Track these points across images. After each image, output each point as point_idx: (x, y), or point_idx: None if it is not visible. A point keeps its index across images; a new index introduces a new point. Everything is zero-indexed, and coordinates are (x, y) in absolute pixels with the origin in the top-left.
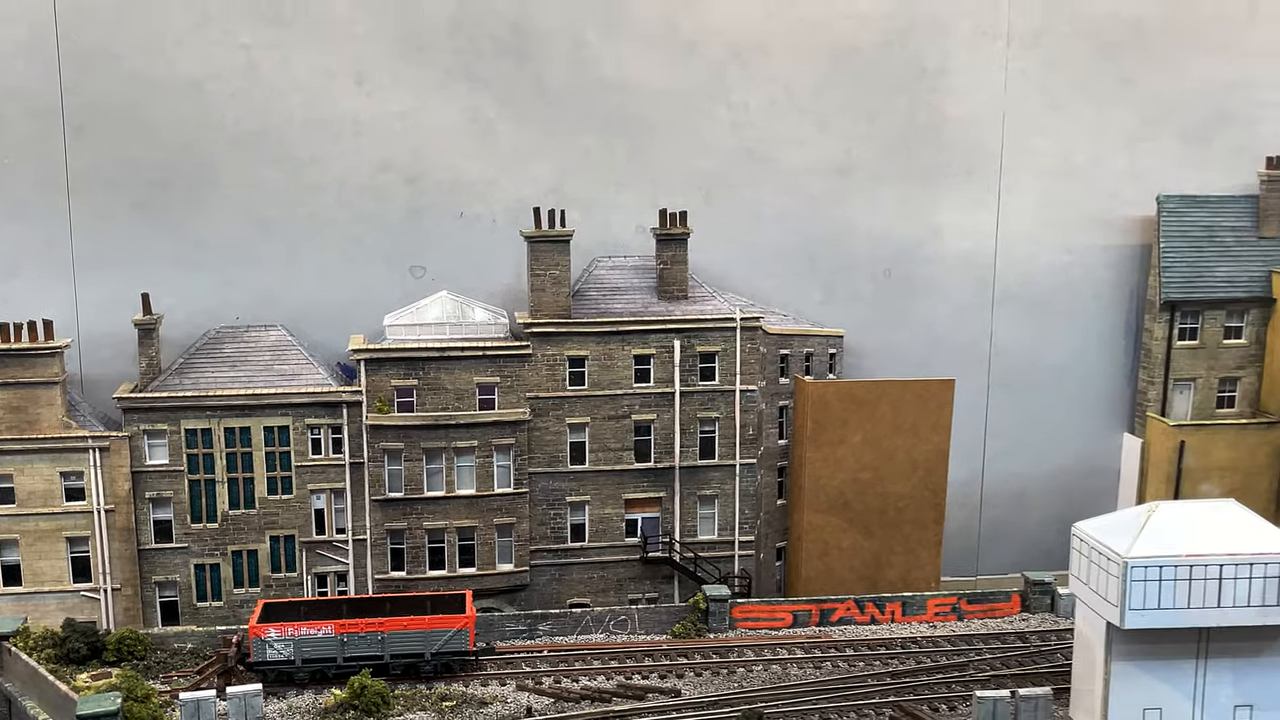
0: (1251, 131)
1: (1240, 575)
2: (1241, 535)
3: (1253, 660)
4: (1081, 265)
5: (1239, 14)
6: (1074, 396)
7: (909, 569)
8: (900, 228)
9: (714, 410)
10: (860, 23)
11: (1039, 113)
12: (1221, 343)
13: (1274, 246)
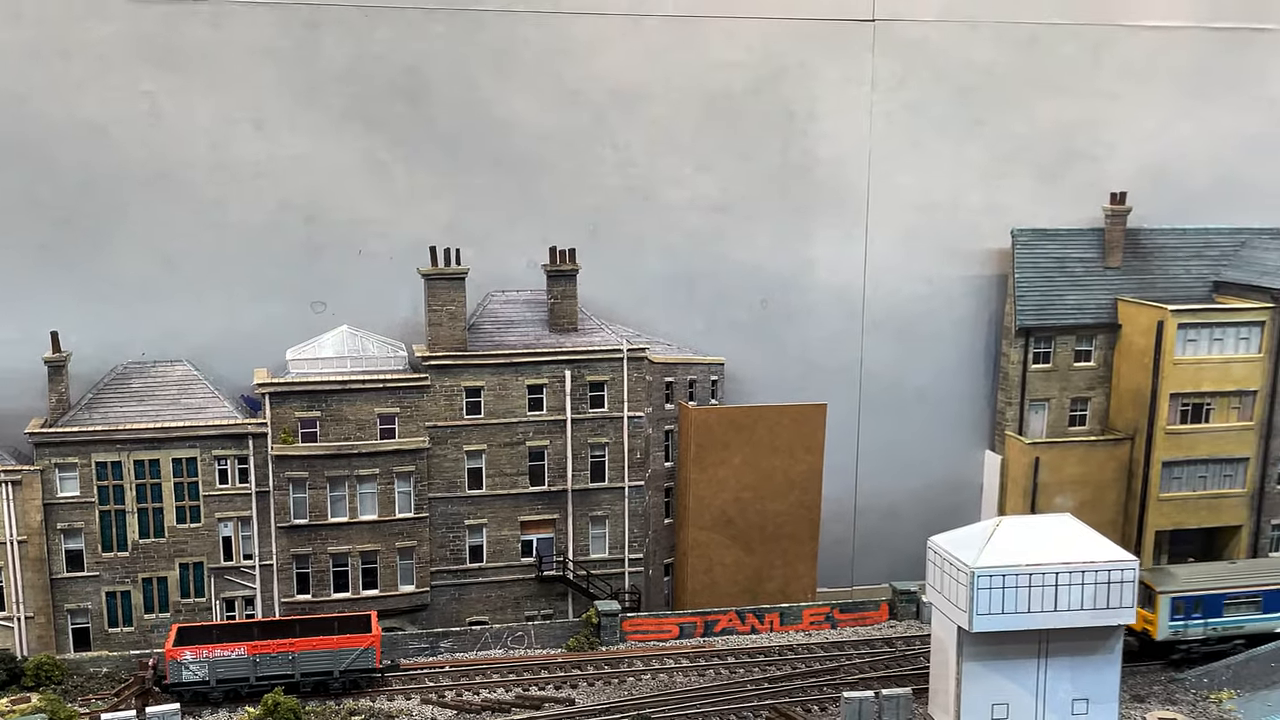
0: (1097, 168)
1: (1075, 582)
2: (1076, 546)
3: (1088, 658)
4: (943, 294)
5: (1083, 59)
6: (938, 416)
7: (787, 581)
8: (775, 260)
9: (604, 436)
10: (733, 70)
11: (902, 152)
12: (1072, 365)
13: (1119, 276)
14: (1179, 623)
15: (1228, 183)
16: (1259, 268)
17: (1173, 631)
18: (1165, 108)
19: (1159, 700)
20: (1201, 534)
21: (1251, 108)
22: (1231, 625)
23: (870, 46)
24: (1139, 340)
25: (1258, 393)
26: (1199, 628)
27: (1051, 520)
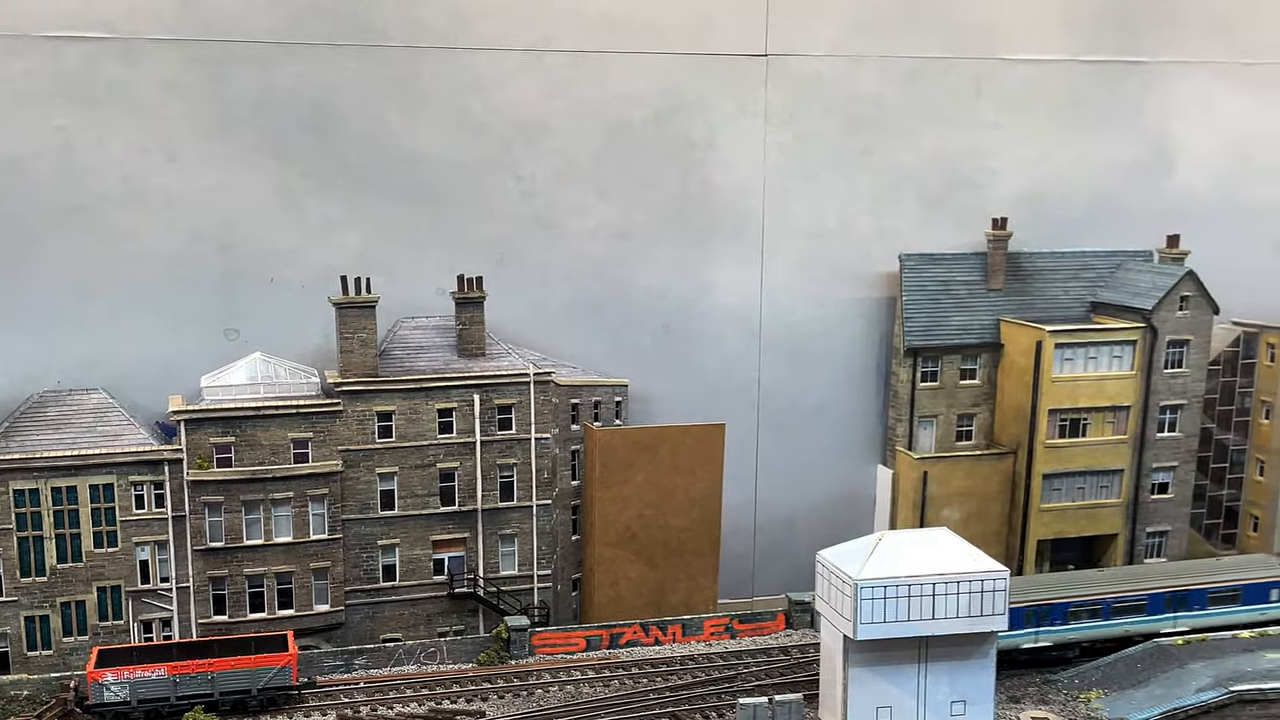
0: (980, 195)
1: (950, 591)
2: (952, 558)
3: (964, 662)
4: (836, 316)
5: (965, 91)
6: (833, 433)
7: (690, 594)
8: (676, 285)
9: (512, 457)
10: (633, 102)
11: (795, 181)
12: (958, 383)
13: (1001, 297)
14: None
15: (1103, 208)
16: (1132, 289)
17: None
18: (1044, 137)
19: (1033, 700)
20: (1081, 542)
21: (1126, 137)
22: (1067, 633)
23: (764, 81)
24: (1020, 359)
25: (1131, 408)
26: (1030, 637)
27: (929, 534)
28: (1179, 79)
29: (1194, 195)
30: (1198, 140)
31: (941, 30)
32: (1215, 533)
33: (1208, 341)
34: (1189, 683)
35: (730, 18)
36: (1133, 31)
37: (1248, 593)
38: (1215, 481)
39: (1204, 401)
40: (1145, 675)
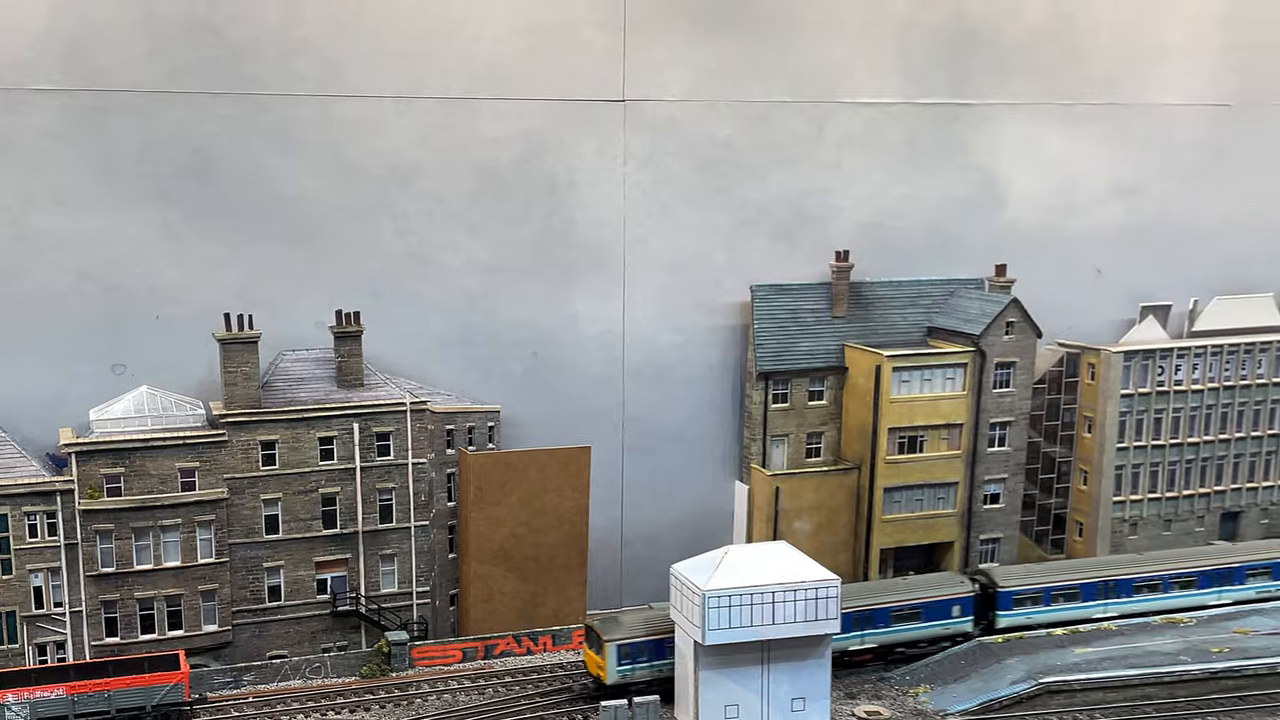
0: (824, 229)
1: (788, 599)
2: (790, 569)
3: (802, 663)
4: (694, 343)
5: (809, 133)
6: (693, 452)
7: (560, 606)
8: (543, 316)
9: (391, 481)
10: (499, 145)
11: (653, 218)
12: (807, 404)
13: (845, 324)
14: (626, 667)
15: (938, 239)
16: (963, 315)
17: (621, 675)
18: (882, 174)
19: (868, 696)
20: (921, 549)
21: (957, 173)
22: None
23: (622, 124)
24: (862, 381)
25: (963, 425)
26: (646, 670)
27: (770, 547)
28: (1005, 119)
29: (1020, 227)
30: (1023, 175)
31: (786, 76)
32: (1045, 538)
33: (1032, 363)
34: (1004, 676)
35: (590, 66)
36: (962, 76)
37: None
38: (1044, 491)
39: (1031, 417)
40: (967, 671)
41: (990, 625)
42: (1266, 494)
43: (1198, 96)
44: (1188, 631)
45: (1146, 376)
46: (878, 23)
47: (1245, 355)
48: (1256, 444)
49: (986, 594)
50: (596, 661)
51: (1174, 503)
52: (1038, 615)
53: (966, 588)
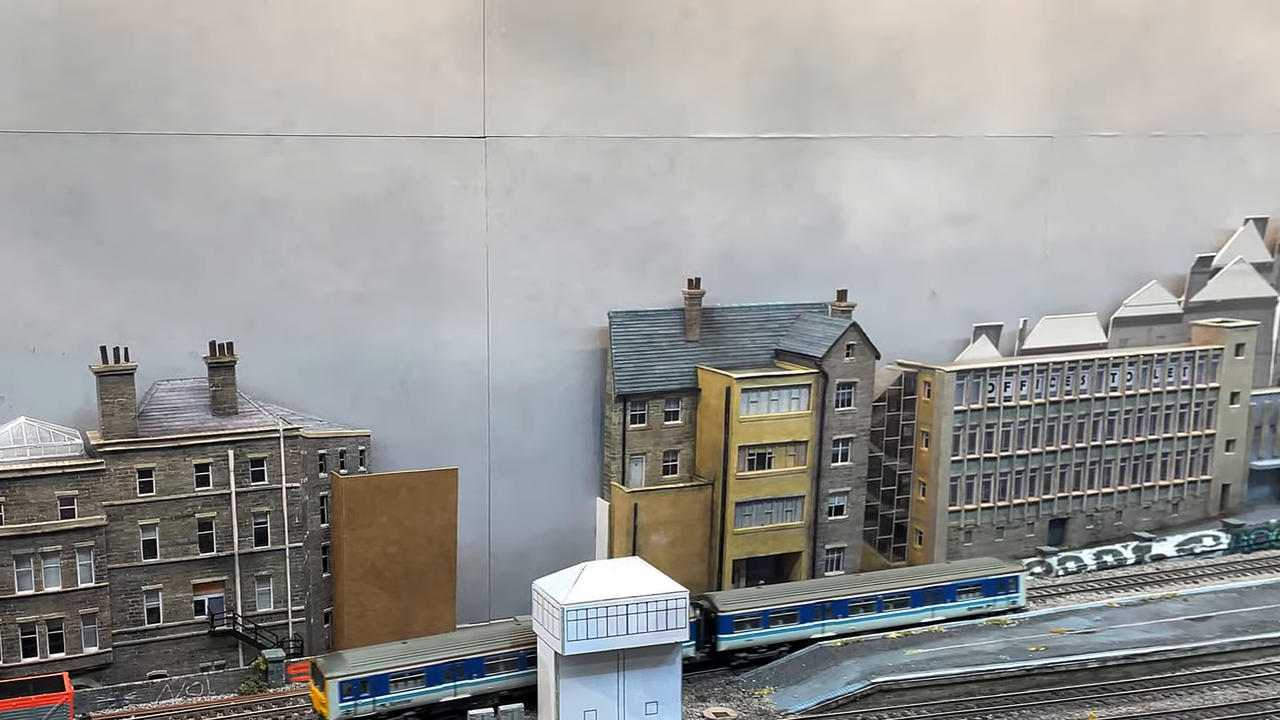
0: (677, 257)
1: (640, 611)
2: (642, 583)
3: (655, 669)
4: (556, 368)
5: (661, 166)
6: (556, 471)
7: (430, 621)
8: (411, 343)
9: (265, 505)
10: (366, 180)
11: (515, 248)
12: (664, 424)
13: (698, 348)
14: (349, 703)
15: (784, 266)
16: (807, 338)
17: (344, 711)
18: (731, 205)
19: (717, 699)
20: (772, 560)
21: (801, 203)
22: (399, 700)
23: (483, 159)
24: (714, 402)
25: (808, 442)
26: (368, 705)
27: (625, 562)
28: (845, 152)
29: (861, 253)
30: (863, 205)
31: (638, 113)
32: (888, 547)
33: (871, 382)
34: (841, 677)
35: (451, 104)
36: (804, 112)
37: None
38: (885, 502)
39: (872, 433)
40: (808, 672)
41: (713, 648)
42: (1091, 501)
43: (1022, 129)
44: (1010, 632)
45: (978, 393)
46: (724, 63)
47: (1070, 371)
48: (1081, 455)
49: (709, 618)
50: (320, 698)
51: (1005, 511)
52: (758, 637)
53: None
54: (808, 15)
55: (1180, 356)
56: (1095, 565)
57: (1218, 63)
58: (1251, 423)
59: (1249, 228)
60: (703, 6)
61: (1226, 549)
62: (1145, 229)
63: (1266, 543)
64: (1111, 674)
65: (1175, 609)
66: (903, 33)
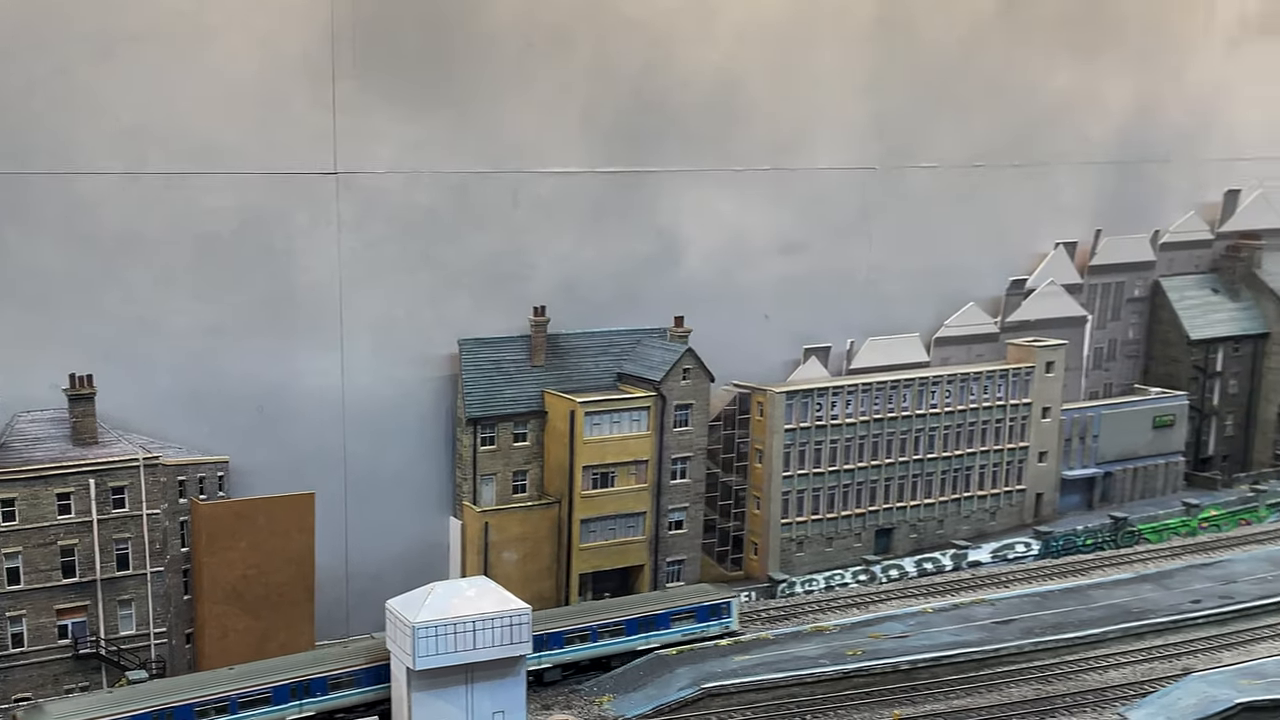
0: (523, 286)
1: (487, 627)
2: (488, 601)
3: (501, 681)
4: (408, 393)
5: (505, 200)
6: (411, 493)
7: (289, 639)
8: (269, 371)
9: (127, 531)
10: (220, 215)
11: (367, 279)
12: (512, 446)
13: (544, 373)
14: None
15: (624, 293)
16: (646, 363)
17: None
18: (573, 235)
19: (560, 707)
20: (617, 573)
21: (641, 234)
22: None
23: (335, 194)
24: (560, 424)
25: (649, 461)
26: None
27: (472, 581)
28: (682, 184)
29: (698, 281)
30: (699, 234)
31: (483, 149)
32: (726, 558)
33: (707, 403)
34: (674, 684)
35: (303, 142)
36: (641, 146)
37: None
38: (723, 516)
39: (709, 451)
40: (645, 680)
41: None
42: (914, 512)
43: (848, 162)
44: (831, 638)
45: (807, 412)
46: (563, 101)
47: (893, 390)
48: (904, 468)
49: None
50: None
51: (834, 522)
52: None
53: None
54: (643, 54)
55: (995, 374)
56: (916, 572)
57: (1029, 97)
58: (1062, 435)
59: (1060, 251)
60: (543, 48)
61: (1037, 554)
62: (963, 254)
63: (1074, 548)
64: (921, 675)
65: (983, 613)
66: (734, 71)
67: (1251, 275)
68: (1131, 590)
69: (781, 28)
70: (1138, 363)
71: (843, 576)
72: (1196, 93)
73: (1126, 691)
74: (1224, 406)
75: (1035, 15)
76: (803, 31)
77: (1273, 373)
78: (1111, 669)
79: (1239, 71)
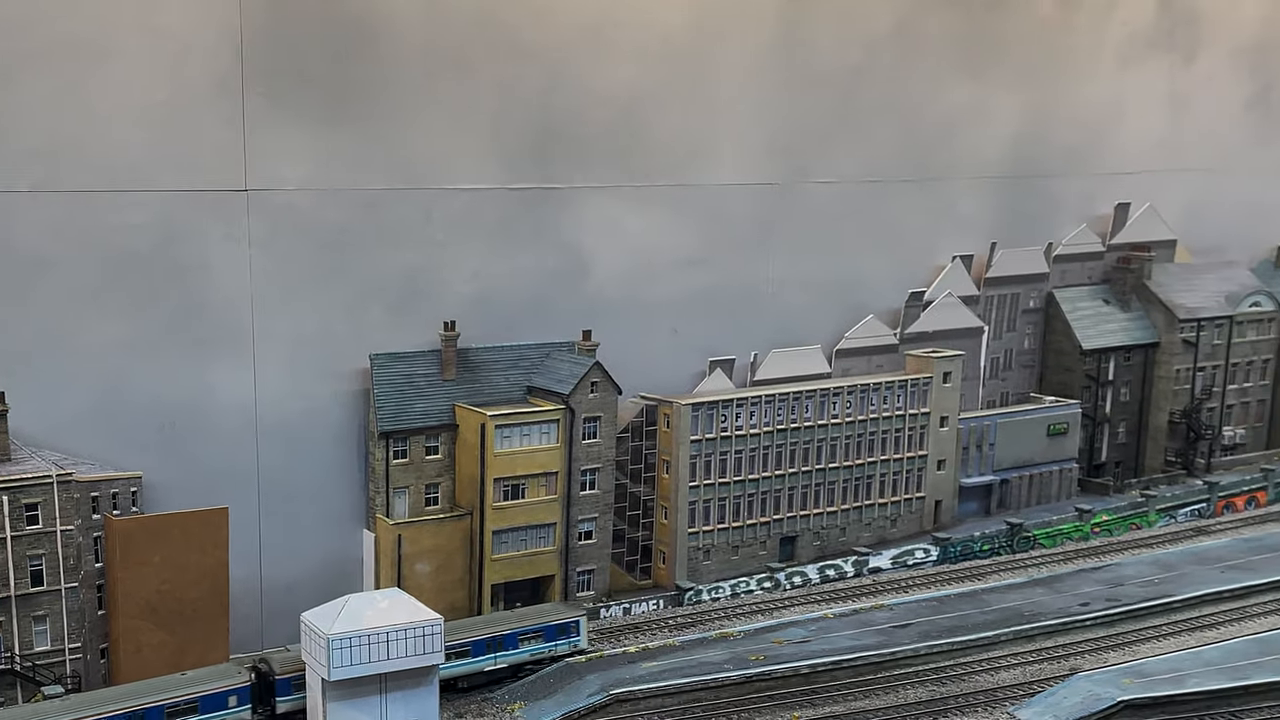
0: (434, 302)
1: (400, 638)
2: (401, 612)
3: (414, 690)
4: (322, 408)
5: (417, 216)
6: (325, 506)
7: (204, 653)
8: (181, 388)
9: (40, 548)
10: (131, 233)
11: (279, 295)
12: (425, 459)
13: (455, 386)
14: None
15: (534, 307)
16: (555, 376)
17: None
18: (484, 251)
19: (473, 715)
20: (528, 583)
21: (549, 249)
22: None
23: (245, 212)
24: (470, 437)
25: (558, 473)
26: None
27: (385, 593)
28: (588, 201)
29: (605, 295)
30: (606, 249)
31: (394, 167)
32: (635, 567)
33: (615, 416)
34: (584, 690)
35: (214, 159)
36: (549, 164)
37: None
38: (631, 525)
39: (617, 462)
40: (555, 688)
41: (273, 711)
42: (817, 520)
43: (749, 178)
44: (736, 644)
45: (712, 423)
46: (472, 119)
47: (796, 400)
48: (808, 477)
49: (266, 682)
50: None
51: (740, 531)
52: None
53: (242, 678)
54: (548, 73)
55: (895, 384)
56: (819, 579)
57: (925, 114)
58: (960, 444)
59: (956, 264)
60: (450, 68)
61: (936, 560)
62: (863, 267)
63: (971, 554)
64: (821, 678)
65: (881, 618)
66: (638, 89)
67: (1142, 286)
68: (1024, 594)
69: (683, 47)
70: (1033, 372)
71: (748, 584)
72: (1087, 109)
73: (1016, 692)
74: (1116, 414)
75: (929, 35)
76: (704, 51)
77: (1163, 381)
78: (1003, 670)
79: (1127, 88)
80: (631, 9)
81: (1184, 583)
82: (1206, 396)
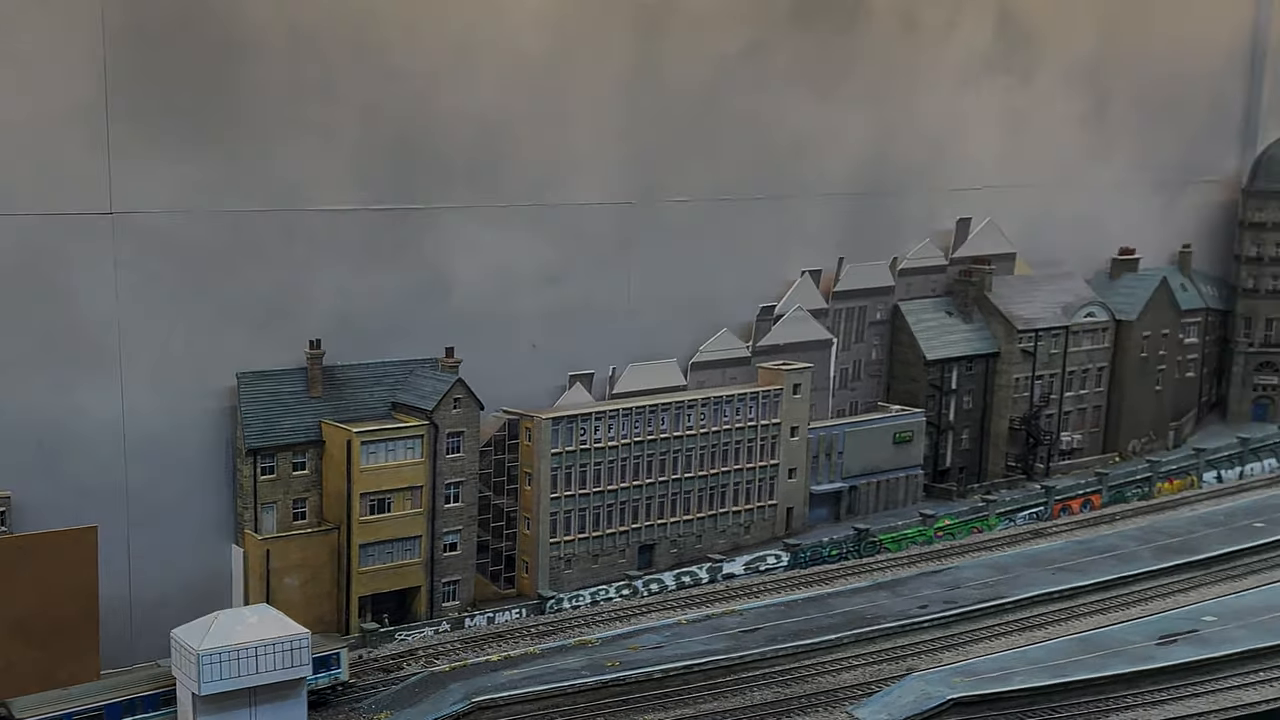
0: (299, 321)
1: (268, 652)
2: (269, 627)
3: (283, 703)
4: (190, 425)
5: (280, 237)
6: (194, 523)
7: (76, 670)
8: (48, 408)
9: None
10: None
11: (145, 316)
12: (292, 474)
13: (321, 403)
14: None
15: (398, 325)
16: (419, 392)
17: None
18: (347, 270)
19: None
20: (395, 594)
21: (411, 268)
22: None
23: (111, 234)
24: (337, 453)
25: (424, 487)
26: None
27: (254, 609)
28: (449, 220)
29: (467, 312)
30: (467, 268)
31: (257, 188)
32: (499, 577)
33: (478, 430)
34: (448, 699)
35: (78, 183)
36: (410, 185)
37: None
38: (495, 537)
39: (481, 476)
40: (420, 696)
41: None
42: (674, 528)
43: (606, 197)
44: (593, 651)
45: (572, 436)
46: (334, 141)
47: (652, 413)
48: (665, 487)
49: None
50: None
51: (600, 540)
52: None
53: None
54: (409, 97)
55: (747, 396)
56: (675, 585)
57: (773, 134)
58: (810, 452)
59: (805, 279)
60: (315, 90)
61: (787, 565)
62: (717, 282)
63: (820, 559)
64: (673, 682)
65: (732, 622)
66: (497, 112)
67: (983, 298)
68: (868, 597)
69: (541, 71)
70: (881, 382)
71: (607, 592)
72: (929, 127)
73: (855, 692)
74: (959, 422)
75: (776, 57)
76: (561, 74)
77: (1003, 389)
78: (844, 671)
79: (968, 107)
80: (493, 32)
81: (1017, 584)
82: (1044, 404)
